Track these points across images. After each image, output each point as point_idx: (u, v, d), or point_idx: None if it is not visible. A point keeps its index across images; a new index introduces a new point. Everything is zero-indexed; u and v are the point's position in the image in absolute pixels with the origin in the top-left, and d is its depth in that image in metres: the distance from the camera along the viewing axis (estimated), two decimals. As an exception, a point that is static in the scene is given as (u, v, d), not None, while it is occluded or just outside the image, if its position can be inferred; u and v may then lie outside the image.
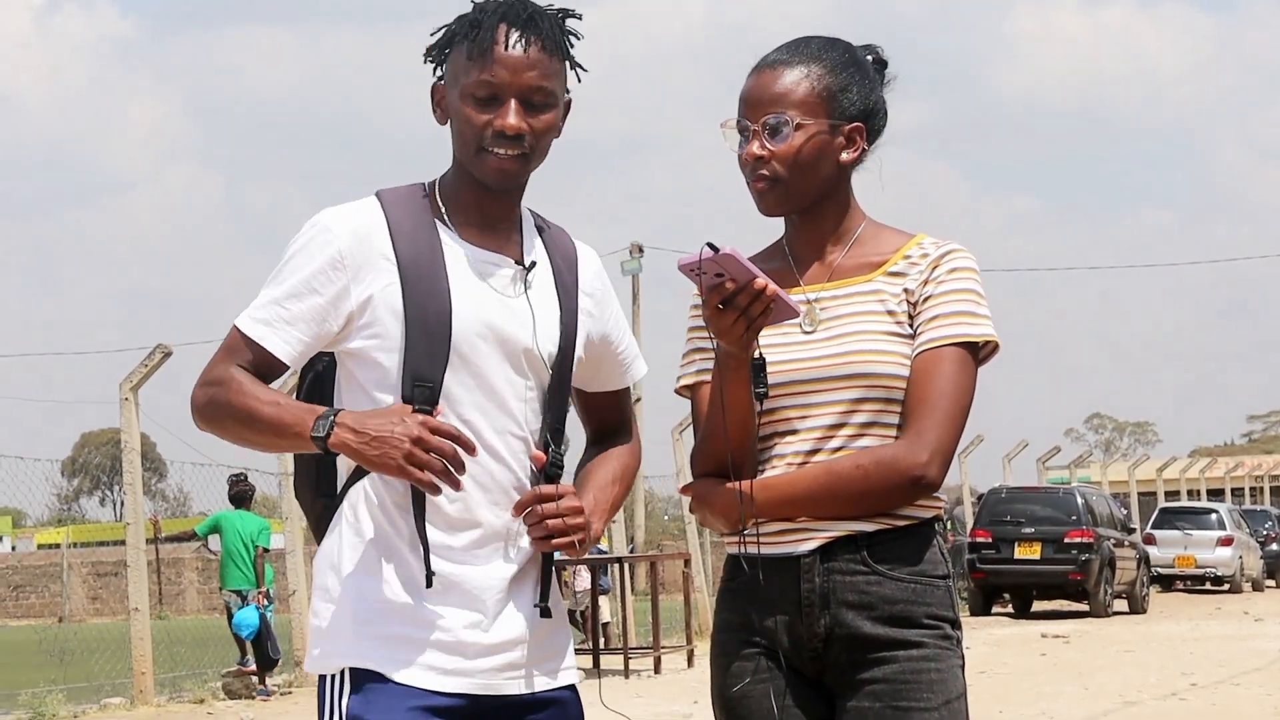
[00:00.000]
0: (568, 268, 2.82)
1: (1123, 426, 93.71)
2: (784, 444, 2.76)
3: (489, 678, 2.67)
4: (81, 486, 76.83)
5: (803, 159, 2.77)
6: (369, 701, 2.62)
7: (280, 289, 2.67)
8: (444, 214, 2.73)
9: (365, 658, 2.63)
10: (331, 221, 2.68)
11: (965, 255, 2.80)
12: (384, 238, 2.67)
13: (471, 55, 2.66)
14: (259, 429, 2.63)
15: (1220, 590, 29.93)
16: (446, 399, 2.65)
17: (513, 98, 2.65)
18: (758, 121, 2.78)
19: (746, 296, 2.59)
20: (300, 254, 2.68)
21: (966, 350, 2.75)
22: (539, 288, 2.76)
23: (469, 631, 2.65)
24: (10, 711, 12.80)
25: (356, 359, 2.69)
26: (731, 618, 2.82)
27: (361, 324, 2.67)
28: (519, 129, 2.65)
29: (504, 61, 2.65)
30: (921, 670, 2.71)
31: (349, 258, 2.65)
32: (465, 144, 2.69)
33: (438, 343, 2.64)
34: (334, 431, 2.56)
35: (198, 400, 2.69)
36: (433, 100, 2.76)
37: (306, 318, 2.66)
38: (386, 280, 2.65)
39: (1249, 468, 53.42)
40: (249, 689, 14.09)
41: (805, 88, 2.78)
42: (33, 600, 40.69)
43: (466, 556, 2.67)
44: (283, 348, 2.66)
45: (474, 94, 2.66)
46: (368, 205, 2.71)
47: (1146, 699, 11.91)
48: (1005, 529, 23.34)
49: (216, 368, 2.67)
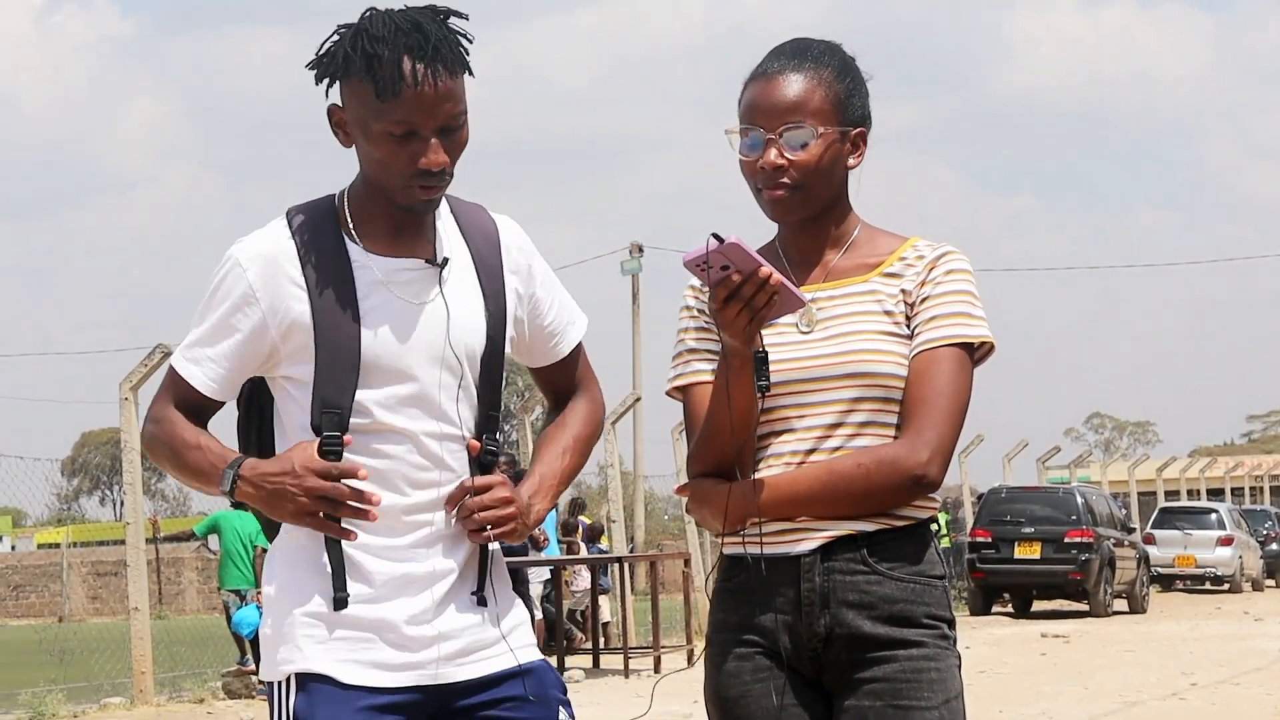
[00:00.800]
0: (489, 249, 2.81)
1: (1123, 426, 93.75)
2: (781, 443, 2.77)
3: (438, 667, 2.70)
4: (81, 486, 76.89)
5: (822, 167, 2.78)
6: (314, 703, 2.65)
7: (203, 328, 2.74)
8: (352, 228, 2.72)
9: (310, 662, 2.66)
10: (241, 255, 2.71)
11: (960, 257, 2.81)
12: (293, 263, 2.69)
13: (382, 95, 2.60)
14: (187, 472, 2.75)
15: (1220, 590, 29.92)
16: (379, 418, 2.68)
17: (432, 135, 2.63)
18: (775, 130, 2.77)
19: (751, 286, 2.59)
20: (217, 291, 2.72)
21: (964, 351, 2.76)
22: (457, 281, 2.75)
23: (413, 624, 2.68)
24: (10, 711, 12.80)
25: (283, 385, 2.74)
26: (728, 618, 2.82)
27: (286, 353, 2.70)
28: (443, 164, 2.65)
29: (419, 101, 2.60)
30: (922, 669, 2.71)
31: (260, 291, 2.69)
32: (388, 177, 2.67)
33: (345, 366, 2.67)
34: (237, 485, 2.66)
35: (144, 435, 2.81)
36: (331, 122, 2.72)
37: (229, 354, 2.72)
38: (300, 308, 2.68)
39: (1249, 467, 53.43)
40: (249, 689, 14.09)
41: (820, 95, 2.78)
42: (33, 600, 40.70)
43: (411, 554, 2.70)
44: (209, 385, 2.74)
45: (389, 133, 2.63)
46: (276, 230, 2.73)
47: (1147, 699, 11.90)
48: (1005, 529, 23.33)
49: (157, 404, 2.78)
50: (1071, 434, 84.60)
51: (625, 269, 31.92)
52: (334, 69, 2.67)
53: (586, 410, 2.95)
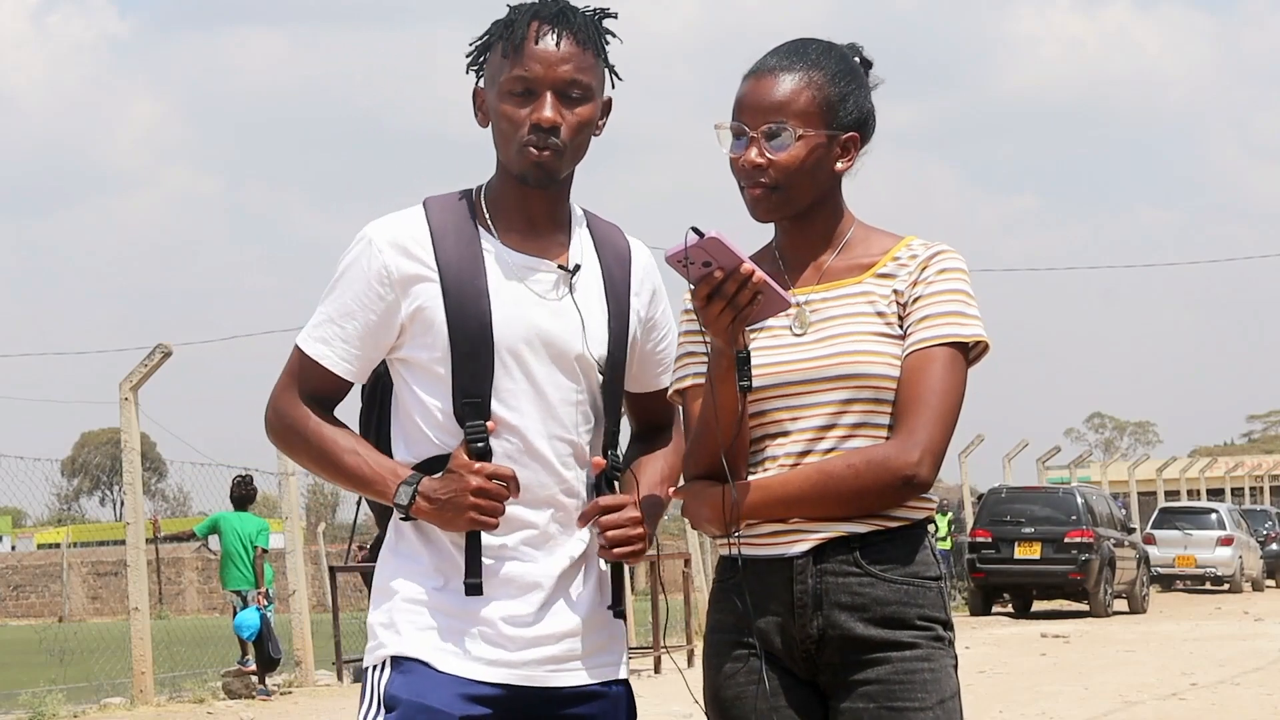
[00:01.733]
0: (619, 266, 2.85)
1: (1123, 426, 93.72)
2: (775, 446, 2.76)
3: (531, 669, 2.72)
4: (81, 486, 76.85)
5: (802, 170, 2.77)
6: (409, 683, 2.67)
7: (334, 307, 2.74)
8: (488, 219, 2.76)
9: (408, 647, 2.69)
10: (375, 235, 2.73)
11: (954, 256, 2.80)
12: (427, 248, 2.72)
13: (506, 53, 2.71)
14: (339, 475, 2.75)
15: (1220, 590, 29.92)
16: (495, 410, 2.70)
17: (547, 91, 2.68)
18: (757, 128, 2.76)
19: (734, 283, 2.58)
20: (349, 270, 2.74)
21: (957, 350, 2.75)
22: (586, 290, 2.78)
23: (513, 624, 2.70)
24: (10, 711, 12.80)
25: (408, 367, 2.75)
26: (724, 619, 2.82)
27: (412, 335, 2.73)
28: (554, 121, 2.68)
29: (537, 56, 2.68)
30: (915, 670, 2.71)
31: (395, 271, 2.71)
32: (505, 140, 2.72)
33: (481, 354, 2.69)
34: (415, 501, 2.67)
35: (273, 427, 2.81)
36: (474, 104, 2.79)
37: (363, 335, 2.73)
38: (431, 292, 2.70)
39: (1249, 467, 53.45)
40: (249, 689, 14.09)
41: (806, 97, 2.77)
42: (33, 600, 40.72)
43: (515, 554, 2.72)
44: (344, 367, 2.76)
45: (510, 90, 2.69)
46: (413, 215, 2.76)
47: (1147, 699, 11.90)
48: (1005, 529, 23.33)
49: (287, 396, 2.78)
50: (1072, 434, 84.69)
51: (625, 269, 31.92)
52: (483, 45, 2.75)
53: (678, 447, 2.97)
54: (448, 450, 2.72)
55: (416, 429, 2.75)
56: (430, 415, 2.73)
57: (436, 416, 2.73)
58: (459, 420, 2.70)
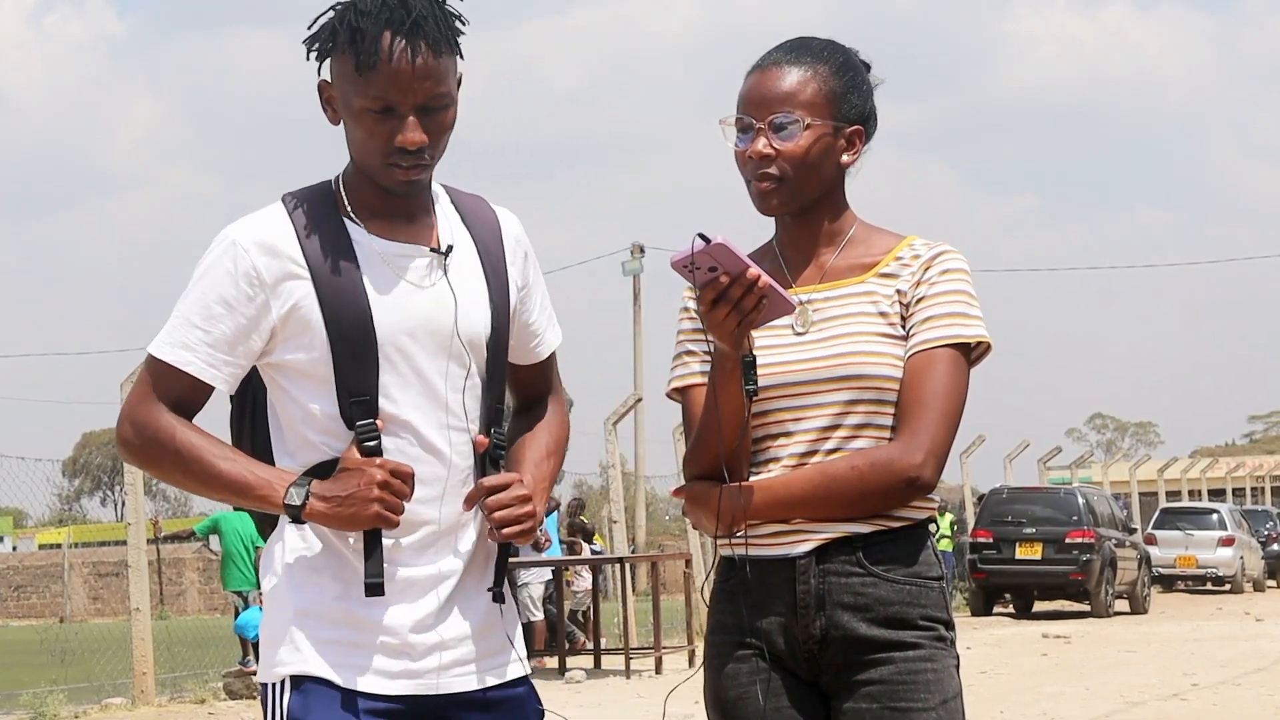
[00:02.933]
0: (491, 238, 2.75)
1: (1124, 426, 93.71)
2: (778, 446, 2.76)
3: (435, 676, 2.64)
4: (82, 487, 76.90)
5: (809, 160, 2.77)
6: (309, 703, 2.59)
7: (196, 311, 2.60)
8: (349, 211, 2.65)
9: (307, 664, 2.60)
10: (239, 236, 2.61)
11: (956, 257, 2.80)
12: (293, 245, 2.60)
13: (360, 69, 2.54)
14: (215, 485, 2.60)
15: (1221, 590, 29.91)
16: (382, 406, 2.61)
17: (409, 113, 2.57)
18: (764, 120, 2.77)
19: (739, 288, 2.58)
20: (211, 273, 2.60)
21: (960, 351, 2.75)
22: (461, 269, 2.69)
23: (414, 631, 2.62)
24: (11, 711, 12.80)
25: (283, 371, 2.64)
26: (725, 619, 2.81)
27: (285, 337, 2.61)
28: (419, 143, 2.57)
29: (396, 78, 2.54)
30: (918, 671, 2.71)
31: (264, 272, 2.58)
32: (366, 155, 2.61)
33: (364, 351, 2.59)
34: (309, 502, 2.55)
35: (131, 443, 2.63)
36: (321, 98, 2.66)
37: (229, 338, 2.59)
38: (303, 290, 2.59)
39: (1250, 468, 53.43)
40: (250, 689, 14.08)
41: (813, 88, 2.78)
42: (34, 600, 40.74)
43: (413, 556, 2.63)
44: (211, 373, 2.61)
45: (368, 109, 2.57)
46: (274, 213, 2.64)
47: (1148, 699, 11.90)
48: (1006, 529, 23.33)
49: (145, 409, 2.61)
50: (1073, 434, 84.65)
51: (626, 269, 31.92)
52: (323, 43, 2.62)
53: (560, 415, 2.88)
54: (335, 455, 2.60)
55: (298, 436, 2.64)
56: (313, 420, 2.61)
57: (320, 420, 2.61)
58: (347, 422, 2.59)
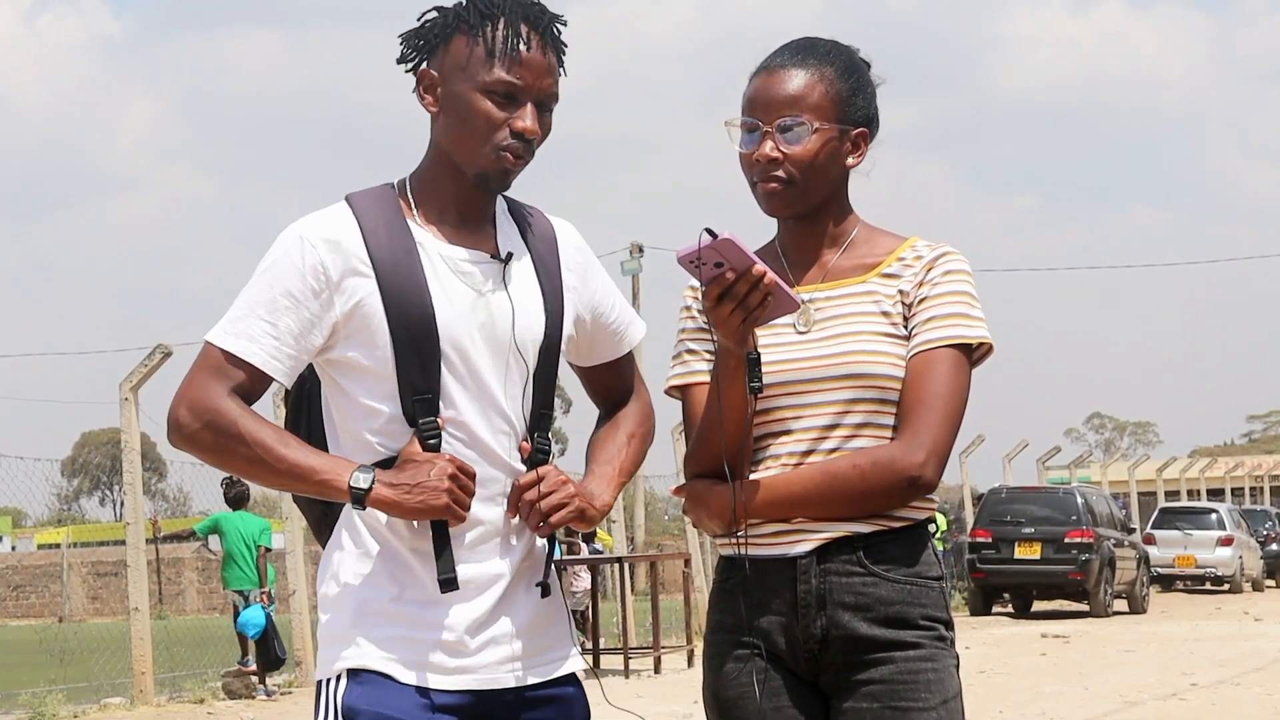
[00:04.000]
0: (547, 249, 2.79)
1: (1123, 426, 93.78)
2: (778, 444, 2.76)
3: (490, 672, 2.66)
4: (81, 486, 76.84)
5: (817, 163, 2.78)
6: (367, 694, 2.61)
7: (261, 303, 2.61)
8: (415, 213, 2.69)
9: (365, 659, 2.62)
10: (306, 232, 2.63)
11: (958, 258, 2.80)
12: (359, 244, 2.63)
13: (493, 51, 2.62)
14: (278, 471, 2.59)
15: (1220, 590, 29.92)
16: (442, 404, 2.63)
17: (530, 101, 2.64)
18: (771, 122, 2.77)
19: (745, 284, 2.58)
20: (277, 266, 2.62)
21: (961, 352, 2.75)
22: (519, 278, 2.72)
23: (470, 628, 2.65)
24: (10, 711, 12.80)
25: (342, 369, 2.65)
26: (725, 619, 2.82)
27: (346, 334, 2.63)
28: (535, 133, 2.65)
29: (529, 64, 2.63)
30: (919, 670, 2.71)
31: (329, 268, 2.60)
32: (475, 138, 2.64)
33: (427, 350, 2.61)
34: (375, 488, 2.56)
35: (187, 429, 2.60)
36: (420, 86, 2.69)
37: (293, 331, 2.60)
38: (367, 288, 2.61)
39: (1249, 468, 53.45)
40: (249, 689, 14.09)
41: (820, 91, 2.78)
42: (33, 600, 40.71)
43: (468, 554, 2.66)
44: (271, 364, 2.60)
45: (493, 90, 2.63)
46: (339, 212, 2.67)
47: (1147, 699, 11.90)
48: (1005, 529, 23.33)
49: (207, 394, 2.59)
50: (1072, 434, 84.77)
51: (625, 269, 31.90)
52: (441, 29, 2.67)
53: (641, 412, 2.91)
54: (392, 454, 2.63)
55: (354, 435, 2.66)
56: (374, 417, 2.64)
57: (381, 418, 2.63)
58: (409, 419, 2.61)
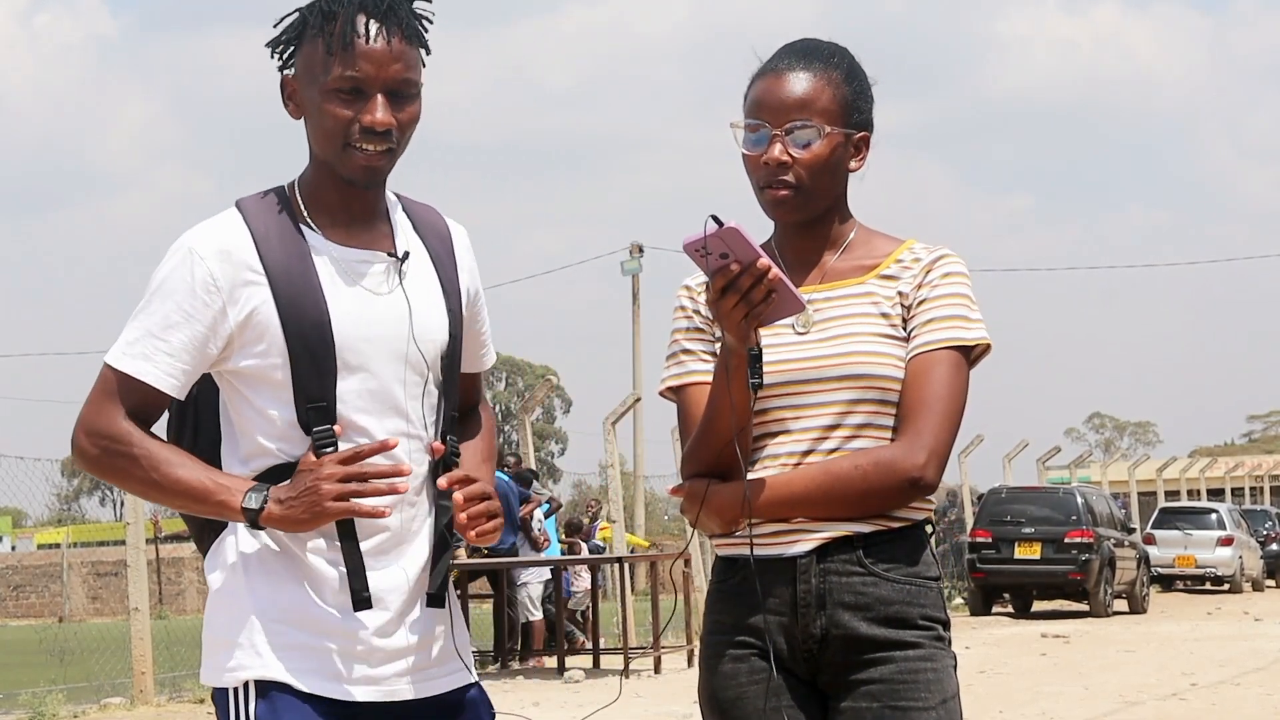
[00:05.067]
0: (443, 247, 2.76)
1: (1123, 426, 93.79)
2: (778, 444, 2.76)
3: (393, 683, 2.64)
4: (81, 486, 76.79)
5: (827, 168, 2.78)
6: (276, 710, 2.58)
7: (153, 320, 2.60)
8: (306, 216, 2.66)
9: (270, 668, 2.59)
10: (196, 244, 2.61)
11: (956, 260, 2.81)
12: (250, 252, 2.60)
13: (331, 49, 2.57)
14: (173, 492, 2.60)
15: (1220, 590, 29.91)
16: (341, 410, 2.60)
17: (379, 92, 2.58)
18: (780, 126, 2.77)
19: (749, 278, 2.58)
20: (169, 282, 2.60)
21: (960, 353, 2.76)
22: (417, 276, 2.70)
23: (376, 636, 2.62)
24: (10, 711, 12.79)
25: (241, 377, 2.63)
26: (723, 619, 2.82)
27: (242, 344, 2.60)
28: (388, 124, 2.59)
29: (368, 55, 2.56)
30: (918, 670, 2.72)
31: (220, 279, 2.58)
32: (329, 140, 2.61)
33: (322, 357, 2.59)
34: (266, 507, 2.54)
35: (88, 454, 2.62)
36: (283, 94, 2.67)
37: (187, 347, 2.59)
38: (261, 296, 2.59)
39: (1249, 468, 53.47)
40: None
41: (829, 95, 2.78)
42: (33, 600, 40.70)
43: (371, 561, 2.63)
44: (168, 381, 2.60)
45: (337, 89, 2.58)
46: (229, 220, 2.64)
47: (1147, 699, 11.90)
48: (1005, 529, 23.32)
49: (103, 418, 2.61)
50: (1072, 434, 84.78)
51: (625, 269, 31.92)
52: (291, 35, 2.64)
53: (490, 423, 2.92)
54: (291, 460, 2.60)
55: (253, 442, 2.63)
56: (270, 425, 2.61)
57: (277, 426, 2.61)
58: (304, 427, 2.59)
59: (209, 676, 2.66)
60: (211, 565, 2.69)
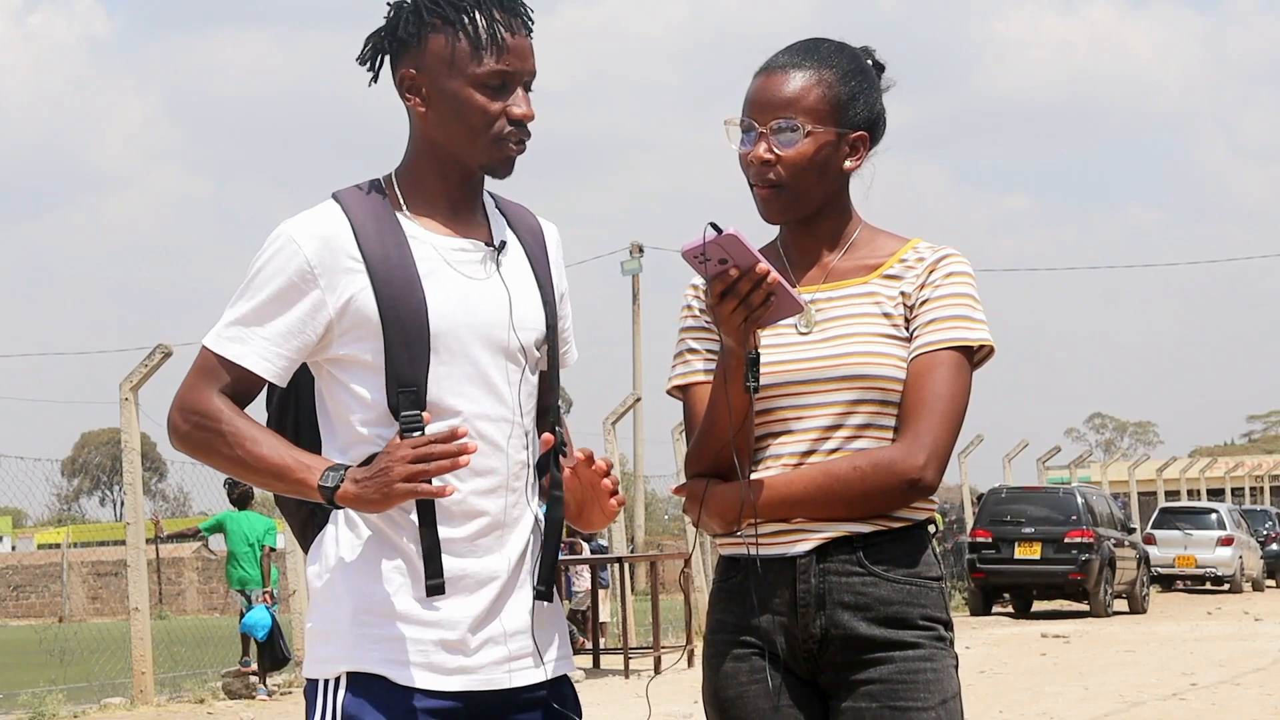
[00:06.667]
0: (535, 243, 2.80)
1: (1123, 426, 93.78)
2: (779, 444, 2.76)
3: (489, 672, 2.65)
4: (81, 486, 76.84)
5: (809, 167, 2.77)
6: (366, 700, 2.59)
7: (251, 305, 2.63)
8: (404, 205, 2.69)
9: (364, 660, 2.61)
10: (295, 232, 2.63)
11: (961, 260, 2.80)
12: (349, 240, 2.63)
13: (479, 43, 2.63)
14: (257, 470, 2.61)
15: (1220, 590, 29.92)
16: (434, 397, 2.62)
17: (520, 85, 2.66)
18: (766, 124, 2.77)
19: (748, 282, 2.58)
20: (268, 268, 2.63)
21: (962, 354, 2.75)
22: (512, 266, 2.73)
23: (471, 626, 2.63)
24: (10, 711, 12.80)
25: (340, 365, 2.66)
26: (725, 619, 2.82)
27: (340, 331, 2.63)
28: (533, 116, 2.67)
29: (515, 49, 2.65)
30: (918, 670, 2.72)
31: (318, 266, 2.61)
32: (474, 132, 2.65)
33: (416, 342, 2.61)
34: (342, 485, 2.55)
35: (180, 429, 2.66)
36: (403, 87, 2.69)
37: (284, 332, 2.62)
38: (359, 284, 2.62)
39: (1249, 467, 53.47)
40: (249, 689, 14.09)
41: (817, 94, 2.78)
42: (33, 600, 40.70)
43: (469, 549, 2.64)
44: (264, 365, 2.63)
45: (486, 83, 2.64)
46: (328, 209, 2.67)
47: (1147, 699, 11.90)
48: (1005, 529, 23.33)
49: (196, 395, 2.64)
50: (1072, 434, 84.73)
51: (625, 269, 31.90)
52: (412, 31, 2.67)
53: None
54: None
55: (349, 429, 2.65)
56: (366, 410, 2.63)
57: (372, 411, 2.63)
58: (394, 412, 2.61)
59: (308, 670, 2.69)
60: (312, 561, 2.72)
